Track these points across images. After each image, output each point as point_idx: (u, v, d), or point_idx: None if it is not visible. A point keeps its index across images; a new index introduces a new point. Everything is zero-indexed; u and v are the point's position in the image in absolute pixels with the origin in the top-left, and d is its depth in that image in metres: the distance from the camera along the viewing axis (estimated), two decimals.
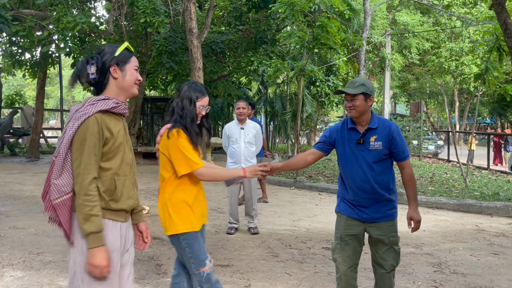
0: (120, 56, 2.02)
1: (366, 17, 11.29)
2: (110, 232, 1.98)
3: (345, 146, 2.78)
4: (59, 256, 4.42)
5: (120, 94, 2.04)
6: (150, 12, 10.87)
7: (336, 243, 2.84)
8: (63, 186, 1.90)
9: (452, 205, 7.25)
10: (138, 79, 2.09)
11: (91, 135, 1.89)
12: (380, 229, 2.77)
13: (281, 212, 6.89)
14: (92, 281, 1.92)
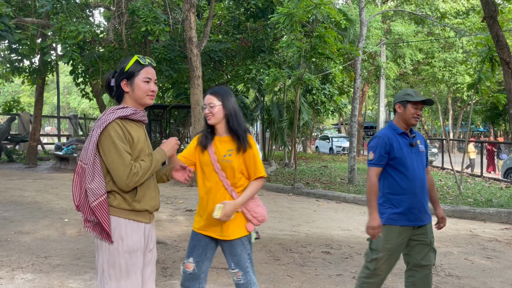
0: (130, 70, 2.17)
1: (362, 28, 11.55)
2: (134, 232, 2.13)
3: (403, 151, 2.87)
4: (67, 259, 4.55)
5: (136, 104, 2.20)
6: (151, 20, 11.06)
7: (384, 253, 2.86)
8: (97, 189, 2.06)
9: (447, 211, 7.44)
10: (151, 90, 2.19)
11: (117, 138, 2.05)
12: (424, 231, 2.89)
13: (281, 217, 7.04)
14: (118, 278, 2.07)
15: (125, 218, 2.11)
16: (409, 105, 2.88)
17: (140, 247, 2.15)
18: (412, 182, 2.84)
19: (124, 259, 2.08)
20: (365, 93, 24.35)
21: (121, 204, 2.11)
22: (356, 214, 7.49)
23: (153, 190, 2.22)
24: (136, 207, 2.12)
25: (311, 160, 19.89)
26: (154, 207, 2.22)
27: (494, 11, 7.01)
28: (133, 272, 2.11)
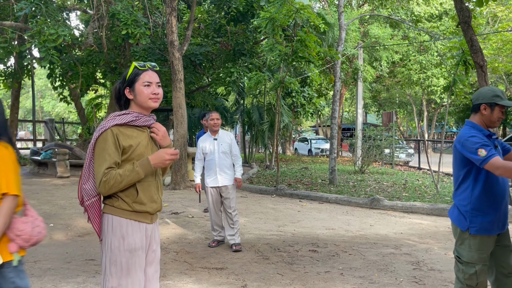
0: (130, 78, 2.25)
1: (341, 31, 11.80)
2: (136, 232, 2.21)
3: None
4: (57, 263, 4.55)
5: (141, 109, 2.28)
6: (132, 24, 11.04)
7: (483, 264, 2.71)
8: (90, 190, 2.20)
9: (426, 209, 7.70)
10: (154, 93, 2.24)
11: (108, 144, 2.14)
12: (506, 236, 2.78)
13: (266, 218, 7.16)
14: (119, 275, 2.16)
15: (126, 218, 2.19)
16: (498, 107, 2.71)
17: (142, 247, 2.22)
18: (501, 187, 2.70)
19: (126, 258, 2.17)
20: (342, 96, 24.76)
21: (122, 205, 2.19)
22: (339, 214, 7.68)
23: (154, 192, 2.27)
24: (136, 209, 2.20)
25: (291, 162, 20.11)
26: (155, 209, 2.28)
27: (468, 16, 7.32)
28: (134, 271, 2.18)
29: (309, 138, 31.42)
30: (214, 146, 5.23)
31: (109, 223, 2.19)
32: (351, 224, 6.78)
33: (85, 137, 15.39)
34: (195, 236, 5.88)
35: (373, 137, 15.30)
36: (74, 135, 31.56)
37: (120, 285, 2.16)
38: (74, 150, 13.71)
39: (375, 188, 10.70)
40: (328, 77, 19.67)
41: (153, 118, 2.33)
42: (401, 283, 4.06)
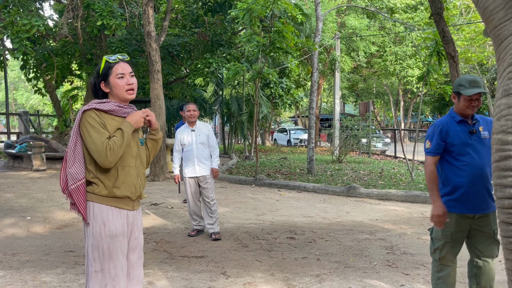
0: (103, 72, 2.31)
1: (318, 22, 11.90)
2: (115, 218, 2.27)
3: (461, 138, 2.84)
4: (36, 256, 4.54)
5: (119, 101, 2.33)
6: (107, 15, 10.89)
7: (444, 241, 2.88)
8: (76, 174, 2.24)
9: (400, 196, 7.93)
10: (128, 83, 2.30)
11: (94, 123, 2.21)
12: (487, 221, 2.84)
13: (245, 208, 7.26)
14: (102, 260, 2.23)
15: (107, 204, 2.26)
16: (462, 96, 2.83)
17: (123, 233, 2.29)
18: (473, 169, 2.80)
19: (107, 243, 2.24)
20: (320, 86, 24.96)
21: (102, 191, 2.25)
22: (317, 202, 7.84)
23: (134, 177, 2.33)
24: (116, 193, 2.26)
25: (270, 153, 20.25)
26: (135, 194, 2.33)
27: (440, 8, 7.51)
28: (116, 255, 2.25)
29: (288, 129, 31.64)
30: (192, 137, 5.29)
31: (91, 210, 2.26)
32: (328, 212, 6.94)
33: (62, 129, 15.16)
34: (175, 226, 5.94)
35: (350, 127, 15.55)
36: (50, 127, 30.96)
37: (103, 270, 2.23)
38: (50, 143, 13.50)
39: (352, 176, 10.92)
40: (306, 68, 19.80)
41: (134, 109, 2.39)
42: (375, 267, 4.22)
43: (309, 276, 3.95)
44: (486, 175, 2.81)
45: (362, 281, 3.82)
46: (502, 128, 1.72)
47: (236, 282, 3.79)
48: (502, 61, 1.79)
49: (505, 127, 1.70)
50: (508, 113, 1.69)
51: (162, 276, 3.93)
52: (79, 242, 5.08)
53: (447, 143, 2.89)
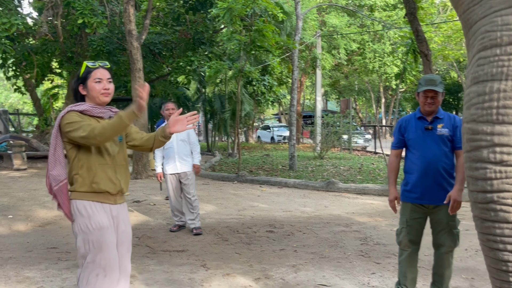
0: (83, 75, 2.44)
1: (298, 21, 12.09)
2: (97, 212, 2.39)
3: (416, 133, 3.10)
4: (18, 253, 4.62)
5: (95, 104, 2.45)
6: (88, 13, 10.88)
7: (401, 227, 3.17)
8: (58, 176, 2.38)
9: (377, 190, 8.18)
10: (104, 88, 2.42)
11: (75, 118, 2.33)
12: (441, 212, 3.04)
13: (227, 204, 7.41)
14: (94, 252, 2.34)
15: (89, 200, 2.39)
16: (421, 93, 3.07)
17: (106, 226, 2.40)
18: (423, 163, 3.03)
19: (95, 236, 2.35)
20: (303, 84, 25.22)
21: (83, 186, 2.37)
22: (297, 197, 8.03)
23: (112, 174, 2.42)
24: (95, 188, 2.38)
25: (253, 150, 20.42)
26: (114, 189, 2.43)
27: (414, 8, 7.76)
28: (106, 247, 2.36)
29: (272, 126, 31.85)
30: (172, 135, 5.39)
31: (75, 207, 2.38)
32: (307, 206, 7.14)
33: (42, 128, 15.05)
34: (157, 222, 6.05)
35: (331, 123, 15.81)
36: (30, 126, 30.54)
37: (94, 261, 2.34)
38: (30, 142, 13.42)
39: (332, 172, 11.16)
40: (287, 66, 19.99)
41: (110, 111, 2.50)
42: (348, 257, 4.42)
43: (286, 266, 4.12)
44: (438, 169, 3.02)
45: (335, 270, 4.01)
46: (473, 117, 1.59)
47: (216, 273, 3.94)
48: (472, 47, 1.67)
49: (475, 116, 1.56)
50: (478, 101, 1.56)
51: (143, 269, 4.06)
52: (62, 239, 5.16)
53: (405, 138, 3.18)
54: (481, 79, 1.54)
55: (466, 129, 1.61)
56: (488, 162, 1.46)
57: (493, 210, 1.49)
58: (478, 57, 1.58)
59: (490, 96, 1.45)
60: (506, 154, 1.43)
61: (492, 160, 1.44)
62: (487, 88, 1.47)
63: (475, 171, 1.57)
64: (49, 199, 7.47)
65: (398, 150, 3.27)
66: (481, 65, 1.53)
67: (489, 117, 1.47)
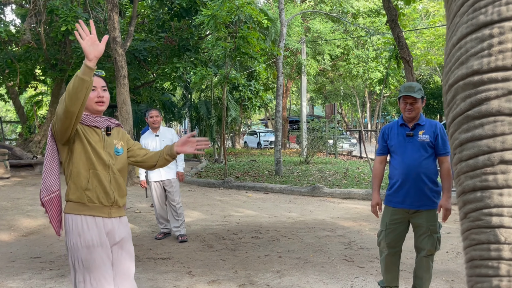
0: None
1: (282, 28, 12.20)
2: (90, 228, 2.27)
3: (397, 139, 3.21)
4: (1, 263, 4.57)
5: (89, 112, 2.39)
6: (71, 20, 10.83)
7: (381, 229, 3.29)
8: (50, 186, 2.30)
9: (362, 195, 8.27)
10: (98, 96, 2.35)
11: None
12: (423, 217, 3.13)
13: (213, 210, 7.42)
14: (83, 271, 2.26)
15: (81, 214, 2.27)
16: (401, 99, 3.19)
17: (101, 243, 2.27)
18: (403, 169, 3.13)
19: (84, 254, 2.25)
20: (288, 89, 25.36)
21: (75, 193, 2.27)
22: (282, 202, 8.08)
23: (106, 184, 2.31)
24: (89, 196, 2.27)
25: (240, 155, 20.44)
26: (107, 200, 2.32)
27: (395, 15, 7.91)
28: (95, 267, 2.25)
29: (258, 131, 31.94)
30: (156, 142, 5.44)
31: (67, 222, 2.28)
32: (292, 211, 7.19)
33: (26, 136, 14.87)
34: (142, 230, 6.04)
35: (317, 128, 15.94)
36: (13, 134, 30.11)
37: (85, 280, 2.24)
38: (14, 150, 13.24)
39: (318, 177, 11.25)
40: (272, 72, 20.12)
41: (108, 121, 2.43)
42: (333, 261, 4.48)
43: (271, 272, 4.16)
44: (419, 174, 3.11)
45: (320, 274, 4.07)
46: (473, 69, 1.17)
47: (201, 280, 3.96)
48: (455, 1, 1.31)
49: (478, 66, 1.15)
50: (482, 48, 1.16)
51: None
52: (45, 249, 5.12)
53: (388, 144, 3.29)
54: (483, 23, 1.16)
55: (461, 86, 1.18)
56: (500, 114, 1.09)
57: (502, 172, 1.05)
58: (472, 1, 1.22)
59: (502, 37, 1.09)
60: None
61: (506, 111, 1.07)
62: (494, 29, 1.12)
63: (475, 130, 1.14)
64: (32, 208, 7.40)
65: (382, 157, 3.37)
66: (482, 7, 1.18)
67: (503, 61, 1.10)
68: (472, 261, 1.10)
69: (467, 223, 1.12)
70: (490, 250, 1.00)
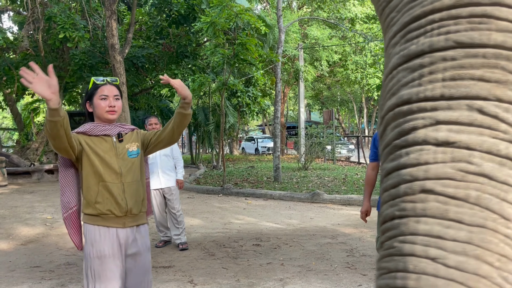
0: (89, 92, 2.40)
1: (280, 34, 12.24)
2: (103, 238, 2.27)
3: None
4: (0, 272, 4.52)
5: (100, 121, 2.39)
6: (70, 27, 10.84)
7: (378, 236, 3.28)
8: (67, 203, 2.32)
9: (362, 201, 8.23)
10: (110, 105, 2.32)
11: None
12: None
13: (212, 217, 7.39)
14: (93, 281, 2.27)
15: (94, 224, 2.29)
16: None
17: (113, 254, 2.27)
18: None
19: (96, 264, 2.26)
20: (286, 95, 25.40)
21: (87, 208, 2.29)
22: (282, 209, 8.05)
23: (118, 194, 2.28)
24: (99, 208, 2.27)
25: (238, 162, 20.41)
26: (120, 210, 2.28)
27: None
28: (105, 278, 2.25)
29: (256, 137, 31.94)
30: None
31: (84, 231, 2.33)
32: (293, 218, 7.16)
33: (23, 143, 14.81)
34: None
35: (315, 134, 15.94)
36: (10, 141, 29.98)
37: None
38: (11, 158, 13.17)
39: (317, 183, 11.23)
40: (270, 78, 20.16)
41: (120, 126, 2.41)
42: (335, 269, 4.45)
43: (273, 280, 4.13)
44: None
45: (322, 283, 4.04)
46: (403, 98, 1.06)
47: None
48: (390, 26, 1.13)
49: (407, 96, 1.03)
50: (413, 79, 1.04)
51: None
52: (45, 258, 5.07)
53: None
54: (414, 54, 1.07)
55: (391, 116, 1.09)
56: (425, 143, 1.02)
57: (422, 201, 0.98)
58: (406, 30, 1.13)
59: (433, 67, 1.04)
60: (454, 133, 0.99)
61: (432, 141, 1.01)
62: (425, 59, 1.05)
63: (400, 159, 1.04)
64: (30, 216, 7.35)
65: (375, 163, 3.40)
66: (414, 38, 1.08)
67: (432, 92, 1.03)
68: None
69: (381, 252, 1.06)
70: (396, 278, 0.92)
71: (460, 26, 0.95)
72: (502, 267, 0.76)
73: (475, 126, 0.85)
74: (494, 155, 0.81)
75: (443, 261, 0.74)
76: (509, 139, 0.82)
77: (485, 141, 0.82)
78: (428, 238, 0.81)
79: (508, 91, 0.84)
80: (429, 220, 0.82)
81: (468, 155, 0.83)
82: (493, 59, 0.88)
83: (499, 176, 0.80)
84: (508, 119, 0.82)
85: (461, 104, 0.88)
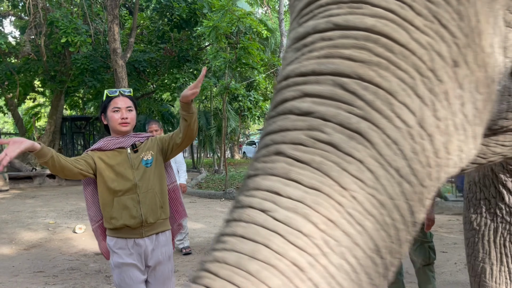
0: (103, 105, 2.40)
1: (282, 38, 12.26)
2: (122, 249, 2.32)
3: None
4: (4, 277, 4.50)
5: (114, 133, 2.40)
6: (71, 31, 10.85)
7: None
8: (94, 216, 2.42)
9: None
10: (122, 117, 2.31)
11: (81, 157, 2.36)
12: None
13: (215, 222, 7.36)
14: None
15: (113, 236, 2.35)
16: None
17: (132, 263, 2.30)
18: None
19: (116, 274, 2.35)
20: None
21: (106, 223, 2.35)
22: None
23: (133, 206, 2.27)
24: (115, 224, 2.29)
25: (239, 166, 20.39)
26: (135, 223, 2.27)
27: None
28: (126, 286, 2.31)
29: (257, 141, 31.96)
30: None
31: (108, 242, 2.40)
32: None
33: None
34: None
35: None
36: None
37: None
38: (13, 162, 13.16)
39: None
40: (272, 82, 20.18)
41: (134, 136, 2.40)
42: None
43: None
44: None
45: None
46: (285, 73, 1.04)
47: None
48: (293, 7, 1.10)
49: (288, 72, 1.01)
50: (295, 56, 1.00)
51: None
52: (48, 263, 5.05)
53: None
54: (301, 35, 1.03)
55: (275, 94, 1.07)
56: (290, 113, 0.99)
57: (272, 162, 0.92)
58: (300, 15, 1.08)
59: (312, 46, 1.02)
60: (316, 105, 0.96)
61: (296, 111, 0.98)
62: (308, 39, 1.02)
63: (268, 127, 1.02)
64: (33, 221, 7.33)
65: None
66: (304, 22, 1.04)
67: (305, 68, 0.99)
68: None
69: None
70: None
71: (341, 10, 0.98)
72: (326, 230, 0.76)
73: (334, 100, 0.87)
74: (345, 128, 0.83)
75: (273, 214, 0.76)
76: (362, 115, 0.84)
77: (340, 113, 0.85)
78: (267, 193, 0.81)
79: (370, 71, 0.87)
80: (273, 178, 0.83)
81: (322, 124, 0.86)
82: (362, 40, 0.92)
83: (345, 147, 0.82)
84: (364, 96, 0.85)
85: (327, 79, 0.91)
